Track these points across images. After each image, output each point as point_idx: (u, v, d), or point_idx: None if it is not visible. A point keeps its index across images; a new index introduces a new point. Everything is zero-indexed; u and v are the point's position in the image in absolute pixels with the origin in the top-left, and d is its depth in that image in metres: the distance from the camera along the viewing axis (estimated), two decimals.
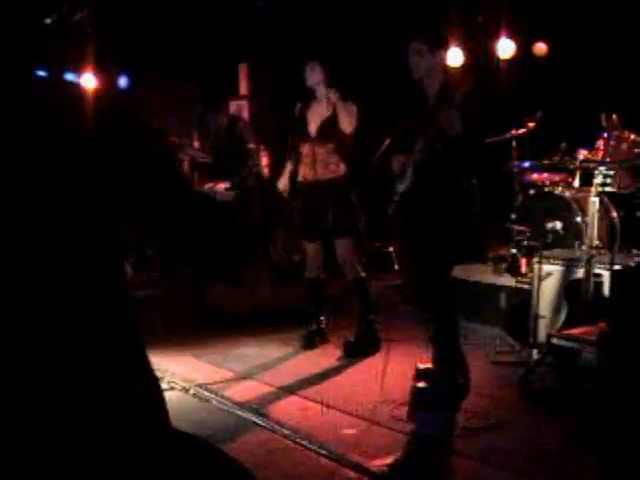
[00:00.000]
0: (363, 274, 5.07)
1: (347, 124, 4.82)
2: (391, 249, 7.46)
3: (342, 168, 4.95)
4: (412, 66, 3.91)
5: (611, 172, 5.15)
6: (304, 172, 4.99)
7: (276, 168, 8.03)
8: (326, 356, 5.05)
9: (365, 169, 4.45)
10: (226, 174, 6.18)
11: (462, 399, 3.87)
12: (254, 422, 3.79)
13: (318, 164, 4.90)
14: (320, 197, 4.92)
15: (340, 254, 4.99)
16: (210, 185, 6.39)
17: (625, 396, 3.20)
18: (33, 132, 1.38)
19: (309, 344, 5.11)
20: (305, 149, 4.96)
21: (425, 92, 3.97)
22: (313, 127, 4.94)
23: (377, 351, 4.89)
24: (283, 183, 5.20)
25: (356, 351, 4.91)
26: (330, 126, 4.86)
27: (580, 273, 4.30)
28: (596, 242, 4.31)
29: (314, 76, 4.89)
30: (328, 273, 5.34)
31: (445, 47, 4.06)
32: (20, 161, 1.33)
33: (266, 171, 7.71)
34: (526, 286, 5.16)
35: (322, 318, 5.24)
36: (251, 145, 6.41)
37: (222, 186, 6.26)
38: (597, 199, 4.39)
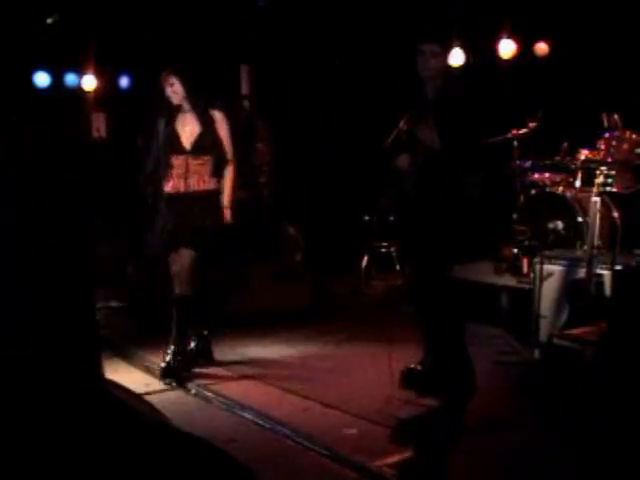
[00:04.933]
0: (190, 294, 4.77)
1: (228, 138, 4.77)
2: (392, 249, 7.46)
3: (214, 182, 4.79)
4: (422, 65, 3.90)
5: (612, 172, 5.14)
6: (175, 184, 4.79)
7: (277, 168, 8.04)
8: (327, 356, 5.05)
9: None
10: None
11: (468, 400, 3.86)
12: (255, 422, 3.79)
13: (191, 176, 4.75)
14: (190, 209, 4.75)
15: (179, 263, 4.74)
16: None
17: (625, 396, 3.21)
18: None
19: (168, 373, 4.65)
20: (178, 161, 4.76)
21: (427, 92, 3.98)
22: (186, 141, 4.76)
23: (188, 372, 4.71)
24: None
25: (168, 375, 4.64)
26: (205, 140, 4.74)
27: (581, 273, 4.30)
28: (597, 242, 4.31)
29: (175, 91, 4.72)
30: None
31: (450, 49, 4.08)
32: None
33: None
34: (527, 286, 5.16)
35: (205, 332, 4.93)
36: (260, 145, 6.41)
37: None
38: (598, 199, 4.38)
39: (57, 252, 1.38)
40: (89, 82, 8.88)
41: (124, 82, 9.32)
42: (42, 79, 8.77)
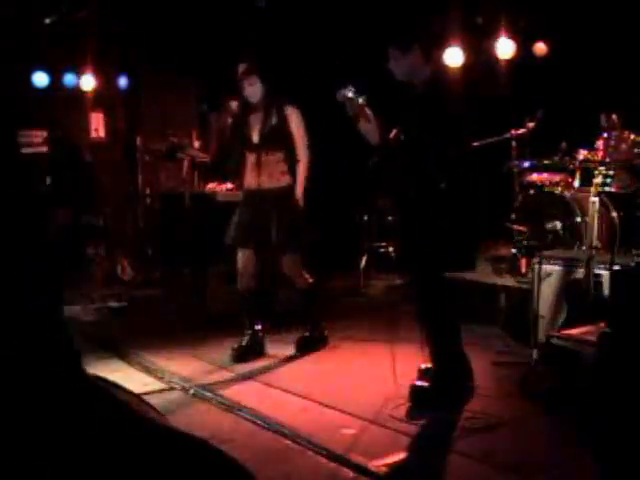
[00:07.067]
0: (311, 280, 5.06)
1: (300, 133, 4.85)
2: (391, 249, 7.47)
3: (287, 178, 4.90)
4: (393, 70, 3.97)
5: (611, 172, 5.14)
6: (248, 180, 4.93)
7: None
8: (325, 356, 5.05)
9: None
10: (228, 174, 6.17)
11: (464, 399, 3.86)
12: (253, 422, 3.79)
13: (263, 173, 4.84)
14: (263, 207, 4.85)
15: (286, 267, 4.96)
16: (212, 186, 6.41)
17: (625, 396, 3.21)
18: None
19: (241, 358, 4.92)
20: (250, 158, 4.89)
21: (416, 91, 3.98)
22: (257, 136, 4.85)
23: (324, 348, 5.12)
24: None
25: (307, 347, 5.07)
26: (276, 134, 4.82)
27: (580, 273, 4.30)
28: (596, 242, 4.31)
29: (255, 91, 4.81)
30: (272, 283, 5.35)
31: (422, 43, 3.97)
32: None
33: None
34: (526, 286, 5.17)
35: (258, 327, 5.05)
36: None
37: (224, 187, 6.27)
38: (597, 199, 4.38)
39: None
40: (87, 82, 8.89)
41: (122, 82, 9.33)
42: (41, 79, 8.77)
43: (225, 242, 5.00)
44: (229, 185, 6.17)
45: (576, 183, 5.77)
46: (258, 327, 5.05)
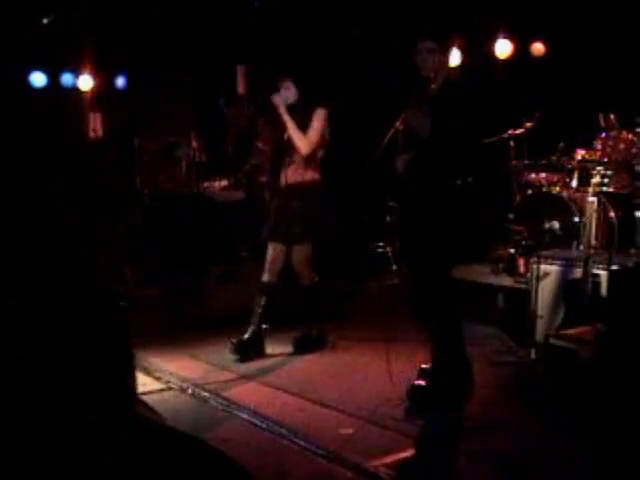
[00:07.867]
0: (316, 279, 5.15)
1: (315, 125, 4.94)
2: (389, 249, 7.47)
3: (311, 174, 5.04)
4: (421, 63, 3.93)
5: (609, 172, 5.15)
6: (282, 175, 5.09)
7: (274, 169, 8.04)
8: (324, 356, 5.05)
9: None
10: (228, 172, 6.20)
11: (463, 399, 3.87)
12: (251, 422, 3.79)
13: (289, 169, 5.03)
14: (288, 202, 5.00)
15: (296, 260, 5.05)
16: (208, 184, 6.42)
17: (622, 396, 3.21)
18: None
19: (239, 351, 4.93)
20: (283, 155, 5.09)
21: (427, 89, 3.98)
22: (284, 132, 5.03)
23: (323, 348, 5.14)
24: None
25: (305, 347, 5.10)
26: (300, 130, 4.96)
27: (578, 273, 4.30)
28: (594, 242, 4.32)
29: (290, 94, 4.97)
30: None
31: (451, 47, 4.07)
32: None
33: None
34: (524, 286, 5.17)
35: (264, 326, 5.06)
36: (259, 144, 6.44)
37: (219, 185, 6.27)
38: (595, 199, 4.40)
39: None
40: (85, 82, 8.88)
41: (120, 82, 9.33)
42: (39, 79, 8.76)
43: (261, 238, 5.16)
44: (224, 183, 6.17)
45: (574, 183, 5.77)
46: (264, 326, 5.05)
